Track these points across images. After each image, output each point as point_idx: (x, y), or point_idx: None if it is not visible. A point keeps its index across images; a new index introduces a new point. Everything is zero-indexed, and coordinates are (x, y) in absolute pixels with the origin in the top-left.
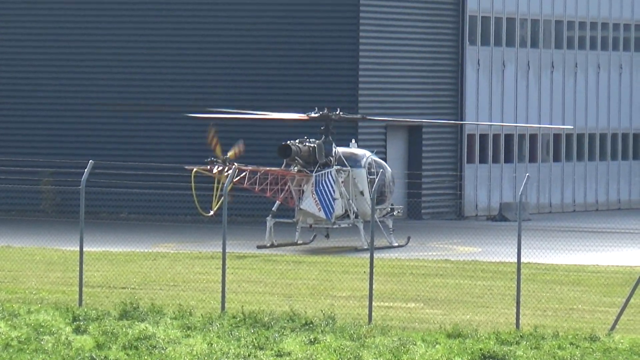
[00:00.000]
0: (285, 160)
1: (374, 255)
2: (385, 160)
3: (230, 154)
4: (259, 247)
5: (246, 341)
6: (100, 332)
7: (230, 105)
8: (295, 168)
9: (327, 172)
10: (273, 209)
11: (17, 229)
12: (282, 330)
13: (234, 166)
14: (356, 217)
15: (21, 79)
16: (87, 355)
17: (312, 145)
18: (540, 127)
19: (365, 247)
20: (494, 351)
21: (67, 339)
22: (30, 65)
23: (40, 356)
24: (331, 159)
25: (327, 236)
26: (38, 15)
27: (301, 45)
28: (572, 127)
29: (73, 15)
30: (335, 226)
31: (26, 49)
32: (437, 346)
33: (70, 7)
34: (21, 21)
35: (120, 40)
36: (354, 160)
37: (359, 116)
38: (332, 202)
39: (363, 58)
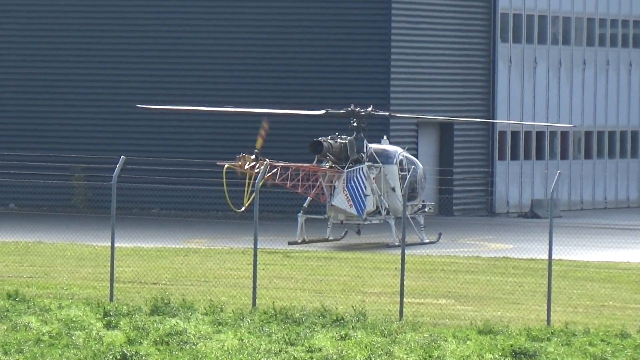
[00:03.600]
0: (316, 156)
1: (405, 251)
2: (416, 156)
3: (258, 142)
4: (290, 243)
5: (277, 337)
6: (131, 328)
7: (261, 102)
8: (327, 164)
9: (359, 169)
10: (304, 205)
11: (49, 225)
12: (313, 326)
13: (265, 162)
14: (387, 213)
15: (54, 76)
16: (118, 350)
17: (343, 141)
18: (542, 125)
19: (397, 244)
20: (525, 347)
21: (98, 334)
22: (63, 62)
23: (72, 351)
24: (363, 155)
25: (359, 232)
26: (71, 12)
27: (333, 43)
28: (573, 125)
29: (106, 12)
30: (366, 222)
31: (59, 45)
32: (468, 342)
33: (102, 4)
34: (55, 17)
35: (151, 37)
36: (385, 157)
37: (387, 113)
38: (363, 198)
39: (395, 55)
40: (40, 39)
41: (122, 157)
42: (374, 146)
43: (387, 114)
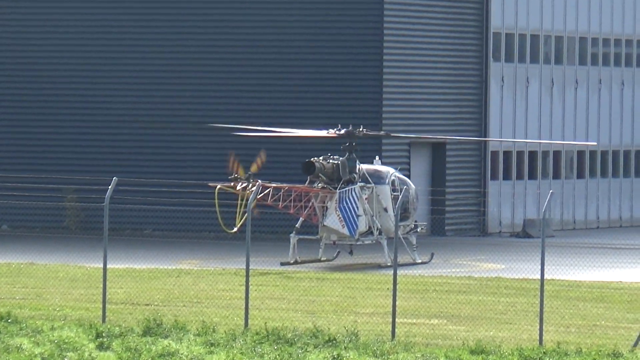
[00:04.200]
0: (309, 177)
1: (398, 271)
2: (409, 176)
3: (252, 167)
4: (282, 263)
5: (269, 358)
6: (124, 349)
7: (254, 122)
8: (319, 185)
9: (351, 189)
10: (297, 225)
11: (41, 246)
12: (306, 346)
13: (257, 183)
14: (380, 233)
15: (45, 97)
16: None
17: (336, 162)
18: (563, 143)
19: (389, 264)
20: None
21: (90, 355)
22: (53, 83)
23: None
24: (355, 175)
25: (351, 253)
26: (61, 33)
27: (325, 63)
28: (595, 143)
29: (96, 32)
30: (358, 243)
31: (51, 66)
32: None
33: (93, 25)
34: (47, 38)
35: (144, 57)
36: (377, 177)
37: (382, 133)
38: (355, 218)
39: (387, 75)
40: (32, 60)
41: (114, 178)
42: (366, 167)
43: (382, 133)
